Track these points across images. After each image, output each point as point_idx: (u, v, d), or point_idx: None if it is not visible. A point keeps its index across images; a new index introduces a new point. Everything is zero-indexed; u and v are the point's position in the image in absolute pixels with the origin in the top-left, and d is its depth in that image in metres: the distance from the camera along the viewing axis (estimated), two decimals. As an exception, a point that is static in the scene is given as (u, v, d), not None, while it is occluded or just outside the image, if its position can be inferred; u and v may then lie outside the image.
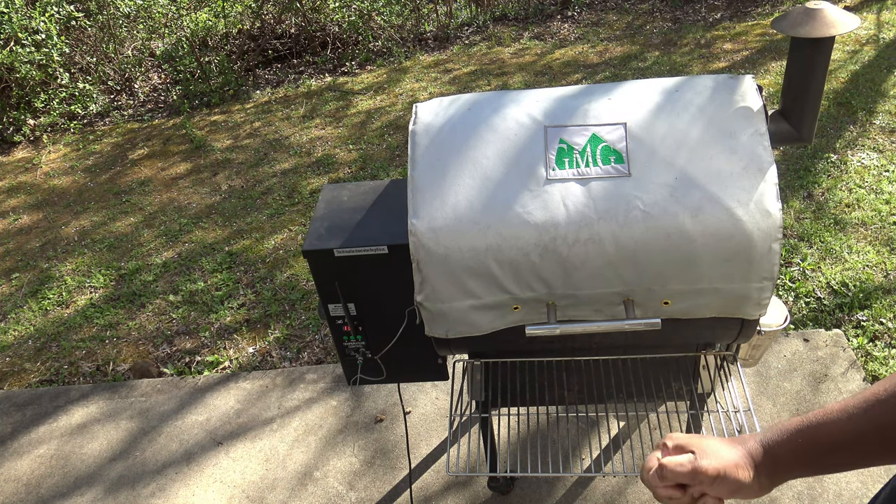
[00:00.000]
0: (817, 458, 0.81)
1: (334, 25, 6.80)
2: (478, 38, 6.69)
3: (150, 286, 3.64)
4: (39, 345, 3.34)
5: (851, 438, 0.78)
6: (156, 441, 2.67)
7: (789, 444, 0.83)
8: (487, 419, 2.01)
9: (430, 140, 1.50)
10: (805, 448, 0.81)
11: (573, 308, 1.51)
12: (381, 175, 4.37)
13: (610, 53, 5.83)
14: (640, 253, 1.39)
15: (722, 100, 1.44)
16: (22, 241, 4.31)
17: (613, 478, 2.28)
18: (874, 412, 0.76)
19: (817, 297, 2.93)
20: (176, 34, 6.53)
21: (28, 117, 5.85)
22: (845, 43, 5.27)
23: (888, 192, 3.49)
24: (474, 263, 1.43)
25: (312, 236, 1.57)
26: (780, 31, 1.41)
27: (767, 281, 1.41)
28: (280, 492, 2.40)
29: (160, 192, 4.64)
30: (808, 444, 0.81)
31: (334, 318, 1.67)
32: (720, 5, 6.61)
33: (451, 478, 2.35)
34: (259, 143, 5.12)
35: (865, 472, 2.20)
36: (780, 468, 0.83)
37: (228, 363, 3.06)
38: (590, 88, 1.54)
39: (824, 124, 4.18)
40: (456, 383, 2.40)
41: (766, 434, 0.86)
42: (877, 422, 0.76)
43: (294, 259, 3.68)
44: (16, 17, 5.32)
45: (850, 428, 0.78)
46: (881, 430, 0.76)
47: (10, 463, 2.66)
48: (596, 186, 1.39)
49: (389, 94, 5.64)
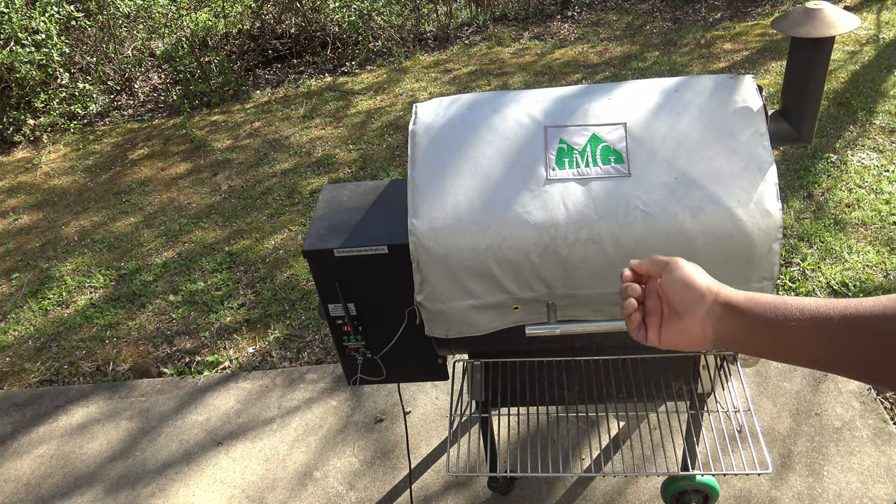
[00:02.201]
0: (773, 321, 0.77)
1: (334, 25, 6.80)
2: (478, 38, 6.69)
3: (150, 286, 3.64)
4: (39, 345, 3.34)
5: (815, 314, 0.75)
6: (156, 441, 2.67)
7: (749, 297, 0.81)
8: (487, 419, 2.01)
9: (430, 140, 1.50)
10: (762, 305, 0.78)
11: (573, 308, 1.51)
12: (381, 175, 4.37)
13: (610, 53, 5.83)
14: (640, 253, 1.39)
15: (722, 100, 1.44)
16: (22, 241, 4.31)
17: (613, 478, 2.28)
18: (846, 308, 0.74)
19: (817, 297, 2.93)
20: (176, 34, 6.53)
21: (28, 117, 5.85)
22: (845, 43, 5.27)
23: (888, 192, 3.49)
24: (474, 263, 1.43)
25: (312, 236, 1.57)
26: (780, 31, 1.41)
27: (767, 281, 1.41)
28: (280, 492, 2.40)
29: (160, 192, 4.64)
30: (765, 303, 0.78)
31: (334, 318, 1.67)
32: (720, 5, 6.61)
33: (451, 478, 2.35)
34: (259, 143, 5.12)
35: (865, 472, 2.20)
36: (731, 313, 0.80)
37: (228, 363, 3.06)
38: (590, 88, 1.54)
39: (824, 124, 4.18)
40: (456, 383, 2.41)
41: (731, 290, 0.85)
42: (844, 313, 0.73)
43: (294, 259, 3.68)
44: (16, 17, 5.32)
45: (817, 303, 0.76)
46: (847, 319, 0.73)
47: (10, 463, 2.66)
48: (596, 186, 1.39)
49: (389, 94, 5.64)
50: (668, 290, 0.86)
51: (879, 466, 2.21)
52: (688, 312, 0.84)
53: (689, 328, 0.84)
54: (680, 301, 0.85)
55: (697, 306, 0.83)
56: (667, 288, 0.87)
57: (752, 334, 0.80)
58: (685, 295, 0.84)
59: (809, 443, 2.31)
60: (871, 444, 2.28)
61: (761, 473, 1.89)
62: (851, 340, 0.73)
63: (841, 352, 0.74)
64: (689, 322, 0.84)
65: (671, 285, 0.86)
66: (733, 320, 0.81)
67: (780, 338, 0.77)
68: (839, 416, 2.39)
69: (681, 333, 0.85)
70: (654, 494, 2.22)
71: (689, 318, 0.84)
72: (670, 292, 0.86)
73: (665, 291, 0.87)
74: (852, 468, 2.22)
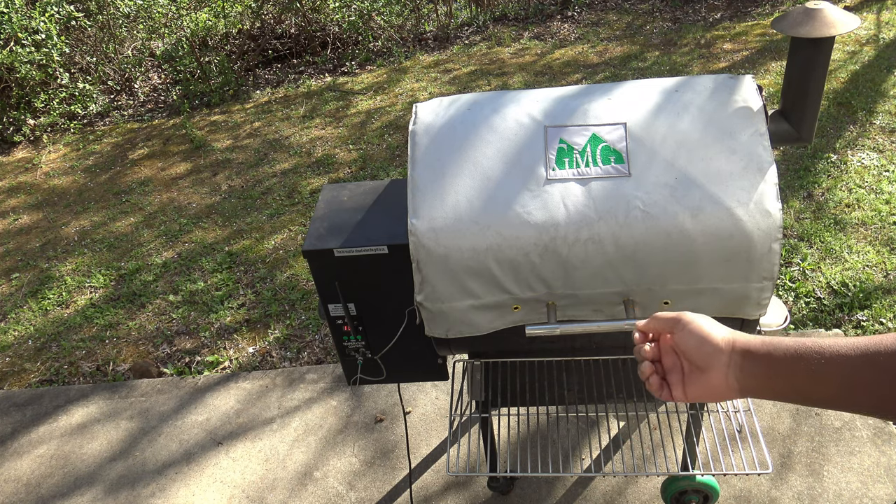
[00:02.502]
0: (793, 365, 0.76)
1: (334, 25, 6.80)
2: (478, 38, 6.69)
3: (150, 286, 3.64)
4: (39, 345, 3.34)
5: (835, 353, 0.75)
6: (156, 441, 2.67)
7: (766, 342, 0.80)
8: (487, 419, 2.01)
9: (430, 140, 1.50)
10: (781, 350, 0.78)
11: (573, 308, 1.51)
12: (381, 175, 4.37)
13: (610, 53, 5.83)
14: (639, 253, 1.39)
15: (722, 100, 1.44)
16: (22, 241, 4.31)
17: (613, 478, 2.28)
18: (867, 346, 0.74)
19: (817, 297, 2.93)
20: (176, 34, 6.53)
21: (28, 117, 5.85)
22: (845, 43, 5.27)
23: (888, 192, 3.49)
24: (474, 263, 1.43)
25: (312, 236, 1.57)
26: (780, 31, 1.41)
27: (767, 281, 1.41)
28: (280, 492, 2.40)
29: (160, 192, 4.64)
30: (784, 348, 0.78)
31: (334, 318, 1.67)
32: (720, 5, 6.61)
33: (451, 478, 2.35)
34: (259, 143, 5.12)
35: (865, 472, 2.20)
36: (751, 361, 0.79)
37: (228, 363, 3.06)
38: (590, 88, 1.54)
39: (824, 124, 4.18)
40: (456, 383, 2.41)
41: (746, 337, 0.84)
42: (865, 350, 0.73)
43: (294, 259, 3.68)
44: (16, 17, 5.32)
45: (837, 344, 0.75)
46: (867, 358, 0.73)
47: (10, 463, 2.66)
48: (596, 186, 1.39)
49: (389, 94, 5.64)
50: (684, 346, 0.85)
51: (879, 466, 2.21)
52: (709, 367, 0.82)
53: (713, 382, 0.82)
54: (699, 356, 0.83)
55: (718, 359, 0.81)
56: (682, 345, 0.85)
57: (774, 380, 0.78)
58: (703, 349, 0.82)
59: (809, 443, 2.31)
60: (871, 444, 2.28)
61: (761, 473, 1.89)
62: (872, 379, 0.73)
63: (862, 390, 0.74)
64: (712, 376, 0.82)
65: (686, 342, 0.84)
66: (754, 368, 0.79)
67: (801, 381, 0.77)
68: (839, 416, 2.39)
69: (706, 388, 0.83)
70: (654, 494, 2.22)
71: (712, 372, 0.82)
72: (687, 349, 0.84)
73: (681, 348, 0.85)
74: (852, 468, 2.22)
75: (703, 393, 0.84)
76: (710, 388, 0.83)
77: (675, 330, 0.86)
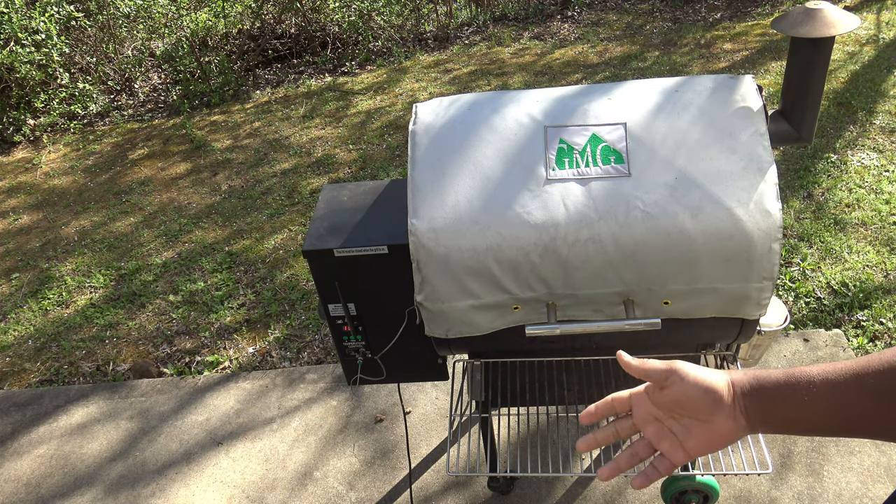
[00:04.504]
0: (787, 399, 0.76)
1: (334, 25, 6.80)
2: (478, 38, 6.69)
3: (150, 286, 3.64)
4: (39, 345, 3.34)
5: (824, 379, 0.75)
6: (156, 441, 2.67)
7: (755, 378, 0.79)
8: (487, 419, 2.01)
9: (430, 140, 1.50)
10: (772, 383, 0.77)
11: (573, 308, 1.51)
12: (381, 175, 4.37)
13: (610, 53, 5.83)
14: (639, 253, 1.39)
15: (722, 100, 1.44)
16: (22, 241, 4.31)
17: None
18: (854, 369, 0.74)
19: (817, 297, 2.93)
20: (176, 34, 6.53)
21: (28, 117, 5.85)
22: (845, 43, 5.27)
23: (888, 192, 3.49)
24: (474, 263, 1.43)
25: (312, 236, 1.57)
26: (780, 31, 1.41)
27: (767, 281, 1.41)
28: (280, 492, 2.40)
29: (160, 192, 4.64)
30: (774, 381, 0.77)
31: (334, 318, 1.67)
32: (720, 5, 6.61)
33: (451, 478, 2.35)
34: (259, 143, 5.12)
35: (865, 472, 2.20)
36: (749, 399, 0.78)
37: (228, 363, 3.06)
38: (590, 88, 1.54)
39: (824, 124, 4.18)
40: (456, 383, 2.41)
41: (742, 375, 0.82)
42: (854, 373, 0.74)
43: (294, 259, 3.68)
44: (16, 17, 5.32)
45: (825, 370, 0.76)
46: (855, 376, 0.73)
47: (10, 463, 2.66)
48: (596, 186, 1.39)
49: (389, 94, 5.64)
50: (684, 398, 0.80)
51: (879, 466, 2.21)
52: (715, 414, 0.79)
53: (720, 430, 0.79)
54: (703, 406, 0.79)
55: (724, 405, 0.78)
56: (682, 397, 0.80)
57: (768, 412, 0.77)
58: (708, 398, 0.79)
59: (809, 443, 2.31)
60: (871, 444, 2.28)
61: (761, 473, 1.89)
62: (863, 401, 0.73)
63: (854, 414, 0.73)
64: (718, 424, 0.79)
65: (687, 393, 0.80)
66: (752, 404, 0.78)
67: (793, 410, 0.76)
68: (839, 416, 2.39)
69: (712, 438, 0.80)
70: (654, 494, 2.22)
71: (718, 418, 0.79)
72: (688, 400, 0.80)
73: (680, 401, 0.80)
74: (852, 468, 2.22)
75: (709, 443, 0.80)
76: (717, 436, 0.79)
77: (670, 383, 0.81)
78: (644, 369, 0.83)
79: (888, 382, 0.72)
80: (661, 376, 0.82)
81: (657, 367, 0.82)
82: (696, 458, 2.03)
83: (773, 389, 0.77)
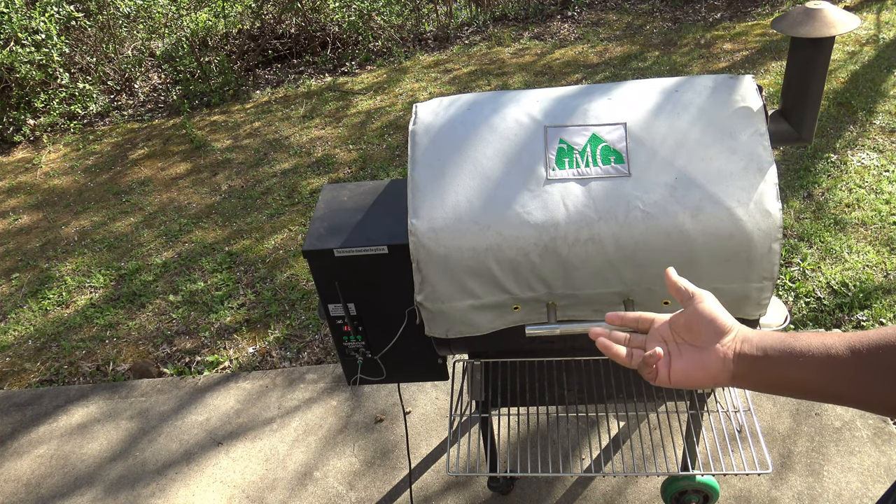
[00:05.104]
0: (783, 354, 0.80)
1: (334, 25, 6.80)
2: (478, 38, 6.69)
3: (150, 286, 3.64)
4: (39, 345, 3.34)
5: (821, 344, 0.79)
6: (156, 441, 2.67)
7: (760, 332, 0.84)
8: (487, 419, 2.01)
9: (430, 140, 1.50)
10: (771, 338, 0.82)
11: (573, 308, 1.51)
12: (381, 175, 4.37)
13: (610, 53, 5.83)
14: (639, 253, 1.39)
15: (722, 100, 1.44)
16: (22, 241, 4.31)
17: (613, 478, 2.28)
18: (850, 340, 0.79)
19: (817, 297, 2.93)
20: (176, 34, 6.53)
21: (28, 117, 5.85)
22: (845, 43, 5.27)
23: (888, 192, 3.49)
24: (474, 263, 1.43)
25: (312, 236, 1.57)
26: (780, 31, 1.41)
27: (767, 281, 1.41)
28: (280, 492, 2.40)
29: (160, 192, 4.64)
30: (774, 338, 0.82)
31: (334, 318, 1.67)
32: (720, 5, 6.61)
33: (451, 478, 2.35)
34: (259, 143, 5.12)
35: (865, 472, 2.20)
36: (748, 347, 0.82)
37: (228, 363, 3.06)
38: (590, 88, 1.54)
39: (824, 124, 4.18)
40: (456, 383, 2.41)
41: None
42: (849, 343, 0.78)
43: (294, 259, 3.68)
44: (16, 17, 5.32)
45: (825, 336, 0.80)
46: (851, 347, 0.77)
47: (10, 463, 2.66)
48: (596, 186, 1.39)
49: (389, 94, 5.64)
50: (692, 320, 0.86)
51: (879, 466, 2.21)
52: (709, 346, 0.84)
53: (708, 361, 0.84)
54: (704, 333, 0.85)
55: (721, 340, 0.84)
56: (691, 320, 0.86)
57: (763, 365, 0.81)
58: (711, 326, 0.85)
59: (809, 443, 2.31)
60: (871, 444, 2.28)
61: (761, 473, 1.89)
62: (855, 370, 0.76)
63: (844, 381, 0.77)
64: (709, 355, 0.84)
65: (697, 315, 0.86)
66: (748, 353, 0.82)
67: (788, 370, 0.80)
68: (839, 415, 2.40)
69: (697, 366, 0.85)
70: (654, 494, 2.22)
71: (710, 351, 0.84)
72: (694, 322, 0.86)
73: (689, 322, 0.87)
74: (852, 468, 2.22)
75: (692, 371, 0.85)
76: (701, 367, 0.84)
77: (692, 303, 0.87)
78: (677, 285, 0.90)
79: (883, 358, 0.75)
80: (687, 295, 0.88)
81: (689, 287, 0.89)
82: (696, 456, 2.03)
83: (772, 345, 0.81)
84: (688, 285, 0.89)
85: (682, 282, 0.90)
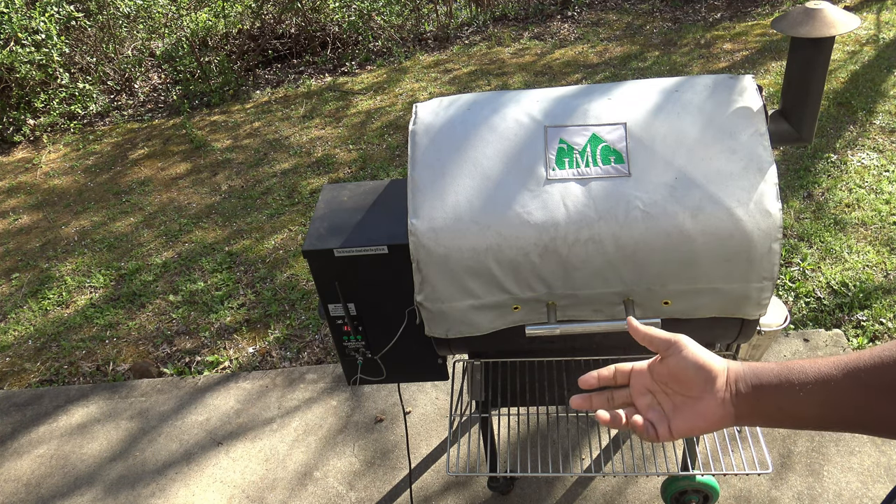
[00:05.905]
0: (780, 387, 0.77)
1: (334, 25, 6.80)
2: (478, 38, 6.69)
3: (150, 286, 3.64)
4: (39, 345, 3.34)
5: (817, 372, 0.76)
6: (156, 441, 2.67)
7: (752, 367, 0.80)
8: (487, 419, 2.01)
9: (430, 140, 1.50)
10: (767, 372, 0.78)
11: (573, 308, 1.51)
12: (381, 175, 4.37)
13: (610, 53, 5.83)
14: (639, 253, 1.39)
15: (722, 100, 1.44)
16: (22, 241, 4.31)
17: (613, 478, 2.28)
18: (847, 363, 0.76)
19: (817, 297, 2.93)
20: (176, 34, 6.53)
21: (28, 117, 5.85)
22: (845, 43, 5.27)
23: (888, 192, 3.49)
24: (474, 263, 1.43)
25: (312, 236, 1.57)
26: (780, 31, 1.41)
27: (767, 281, 1.41)
28: (280, 492, 2.40)
29: (160, 192, 4.64)
30: (769, 371, 0.78)
31: (334, 318, 1.67)
32: (720, 5, 6.61)
33: (451, 478, 2.35)
34: (259, 143, 5.12)
35: (865, 472, 2.20)
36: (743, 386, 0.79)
37: (228, 363, 3.06)
38: (590, 88, 1.54)
39: (824, 124, 4.18)
40: (456, 383, 2.41)
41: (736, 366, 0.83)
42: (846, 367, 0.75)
43: (294, 259, 3.68)
44: (16, 17, 5.32)
45: (819, 363, 0.77)
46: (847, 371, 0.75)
47: (10, 463, 2.66)
48: (596, 186, 1.39)
49: (389, 94, 5.64)
50: (678, 370, 0.81)
51: (879, 466, 2.21)
52: (704, 394, 0.79)
53: (707, 410, 0.79)
54: (694, 382, 0.80)
55: (715, 386, 0.79)
56: (676, 368, 0.81)
57: (762, 403, 0.78)
58: (700, 375, 0.80)
59: (809, 443, 2.32)
60: (871, 444, 2.28)
61: (761, 473, 1.89)
62: (855, 395, 0.74)
63: (846, 407, 0.74)
64: (706, 404, 0.79)
65: (682, 366, 0.81)
66: (746, 392, 0.79)
67: (787, 402, 0.77)
68: (839, 416, 2.39)
69: (698, 418, 0.80)
70: (654, 494, 2.22)
71: (707, 399, 0.79)
72: (681, 373, 0.81)
73: (674, 372, 0.82)
74: (852, 468, 2.22)
75: (694, 423, 0.80)
76: (702, 417, 0.80)
77: (671, 353, 0.82)
78: (649, 336, 0.84)
79: (880, 377, 0.73)
80: (663, 345, 0.83)
81: (661, 335, 0.83)
82: (696, 456, 2.03)
83: (767, 380, 0.78)
84: (659, 333, 0.84)
85: (653, 330, 0.84)
